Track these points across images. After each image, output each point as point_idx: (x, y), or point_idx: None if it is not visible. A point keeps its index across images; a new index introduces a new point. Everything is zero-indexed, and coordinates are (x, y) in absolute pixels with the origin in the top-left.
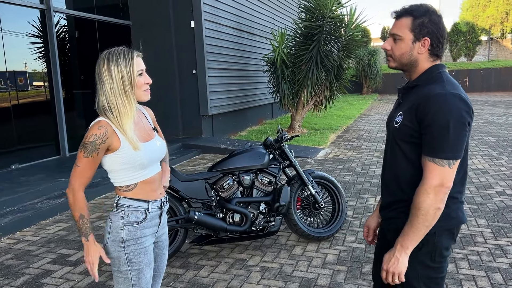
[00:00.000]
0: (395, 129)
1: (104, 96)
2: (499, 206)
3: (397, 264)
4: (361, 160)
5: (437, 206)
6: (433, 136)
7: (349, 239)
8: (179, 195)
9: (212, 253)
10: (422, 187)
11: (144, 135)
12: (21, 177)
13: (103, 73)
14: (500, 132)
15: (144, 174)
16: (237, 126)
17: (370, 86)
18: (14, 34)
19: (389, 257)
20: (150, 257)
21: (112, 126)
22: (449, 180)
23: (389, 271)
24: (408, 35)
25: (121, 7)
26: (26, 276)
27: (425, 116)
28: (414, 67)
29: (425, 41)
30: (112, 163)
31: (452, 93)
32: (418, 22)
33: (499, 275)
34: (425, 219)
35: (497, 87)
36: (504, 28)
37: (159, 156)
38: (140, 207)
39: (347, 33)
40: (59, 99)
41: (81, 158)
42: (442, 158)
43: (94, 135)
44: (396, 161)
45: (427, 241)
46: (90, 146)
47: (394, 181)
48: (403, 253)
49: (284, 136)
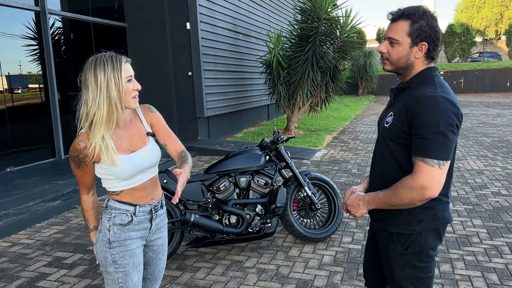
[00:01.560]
0: (385, 129)
1: (85, 105)
2: (494, 207)
3: (357, 208)
4: (357, 161)
5: (414, 203)
6: (423, 137)
7: (346, 240)
8: None
9: (208, 255)
10: (409, 182)
11: (133, 144)
12: (16, 179)
13: (88, 79)
14: (495, 133)
15: (131, 183)
16: (233, 128)
17: (365, 87)
18: (9, 36)
19: (356, 200)
20: (136, 260)
21: (92, 140)
22: (437, 183)
23: (349, 210)
24: (406, 39)
25: (117, 9)
26: (21, 279)
27: (415, 117)
28: (410, 70)
29: (423, 45)
30: (98, 171)
31: (442, 96)
32: (416, 26)
33: (495, 275)
34: (397, 204)
35: (492, 88)
36: (499, 30)
37: (146, 165)
38: (126, 210)
39: (342, 34)
40: (54, 101)
41: (73, 169)
42: (432, 158)
43: (75, 150)
44: (384, 160)
45: (413, 241)
46: (75, 160)
47: (381, 180)
48: (366, 206)
49: (280, 138)
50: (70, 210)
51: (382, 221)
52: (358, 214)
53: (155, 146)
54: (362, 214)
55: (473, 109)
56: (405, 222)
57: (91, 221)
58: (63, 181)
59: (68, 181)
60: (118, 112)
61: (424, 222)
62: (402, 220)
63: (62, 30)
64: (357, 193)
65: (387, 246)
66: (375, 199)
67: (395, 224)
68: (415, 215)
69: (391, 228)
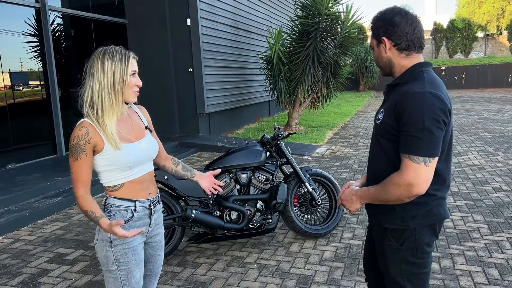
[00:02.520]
0: (377, 125)
1: (90, 90)
2: (495, 202)
3: (351, 203)
4: (358, 157)
5: (402, 200)
6: (409, 133)
7: (346, 236)
8: (176, 193)
9: (209, 251)
10: (396, 179)
11: (132, 135)
12: (18, 176)
13: (95, 66)
14: (496, 128)
15: (131, 175)
16: (234, 124)
17: (366, 83)
18: (9, 33)
19: (349, 194)
20: (138, 257)
21: (94, 126)
22: (424, 180)
23: (344, 204)
24: (373, 41)
25: (117, 5)
26: (23, 275)
27: (402, 113)
28: (393, 67)
29: (383, 39)
30: (98, 164)
31: (430, 92)
32: (374, 27)
33: (496, 270)
34: (386, 200)
35: (494, 83)
36: (500, 25)
37: (147, 157)
38: (126, 207)
39: (343, 30)
40: (55, 98)
41: (71, 163)
42: (418, 156)
43: (76, 137)
44: (376, 157)
45: (408, 237)
46: (75, 149)
47: (374, 177)
48: (359, 200)
49: (281, 134)
50: (71, 206)
51: (377, 216)
52: (352, 209)
53: (153, 140)
54: (356, 208)
55: (475, 104)
56: (399, 218)
57: (96, 211)
58: (64, 178)
59: (69, 178)
60: (118, 103)
61: (418, 218)
62: (396, 215)
63: (62, 26)
64: (351, 188)
65: (382, 241)
66: (366, 194)
67: (389, 220)
68: (408, 211)
69: (385, 223)
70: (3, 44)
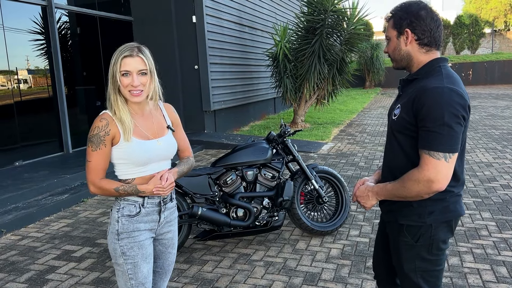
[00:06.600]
0: (393, 121)
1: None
2: (503, 199)
3: (367, 199)
4: (364, 154)
5: (421, 196)
6: (428, 129)
7: (353, 233)
8: (183, 190)
9: (216, 248)
10: (415, 175)
11: (150, 133)
12: (25, 173)
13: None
14: (504, 125)
15: (143, 171)
16: (240, 121)
17: (373, 80)
18: (16, 31)
19: (365, 190)
20: (145, 252)
21: (113, 118)
22: (444, 176)
23: (359, 200)
24: (393, 32)
25: (123, 2)
26: (31, 272)
27: (421, 109)
28: (410, 61)
29: (406, 32)
30: (114, 156)
31: (448, 87)
32: (397, 17)
33: (504, 268)
34: (405, 196)
35: (501, 79)
36: (508, 21)
37: (161, 155)
38: (134, 201)
39: (349, 26)
40: (61, 95)
41: (90, 153)
42: (438, 151)
43: (97, 128)
44: (393, 153)
45: (423, 233)
46: (95, 139)
47: (391, 173)
48: (375, 196)
49: (287, 131)
50: (78, 203)
51: (393, 212)
52: (368, 205)
53: (172, 140)
54: (371, 205)
55: (482, 101)
56: (416, 214)
57: (124, 184)
58: (71, 175)
59: (76, 175)
60: (119, 99)
61: (435, 214)
62: (413, 211)
63: (68, 24)
64: (366, 184)
65: (397, 238)
66: (383, 191)
67: (406, 216)
68: (426, 207)
69: (402, 219)
70: (10, 42)
